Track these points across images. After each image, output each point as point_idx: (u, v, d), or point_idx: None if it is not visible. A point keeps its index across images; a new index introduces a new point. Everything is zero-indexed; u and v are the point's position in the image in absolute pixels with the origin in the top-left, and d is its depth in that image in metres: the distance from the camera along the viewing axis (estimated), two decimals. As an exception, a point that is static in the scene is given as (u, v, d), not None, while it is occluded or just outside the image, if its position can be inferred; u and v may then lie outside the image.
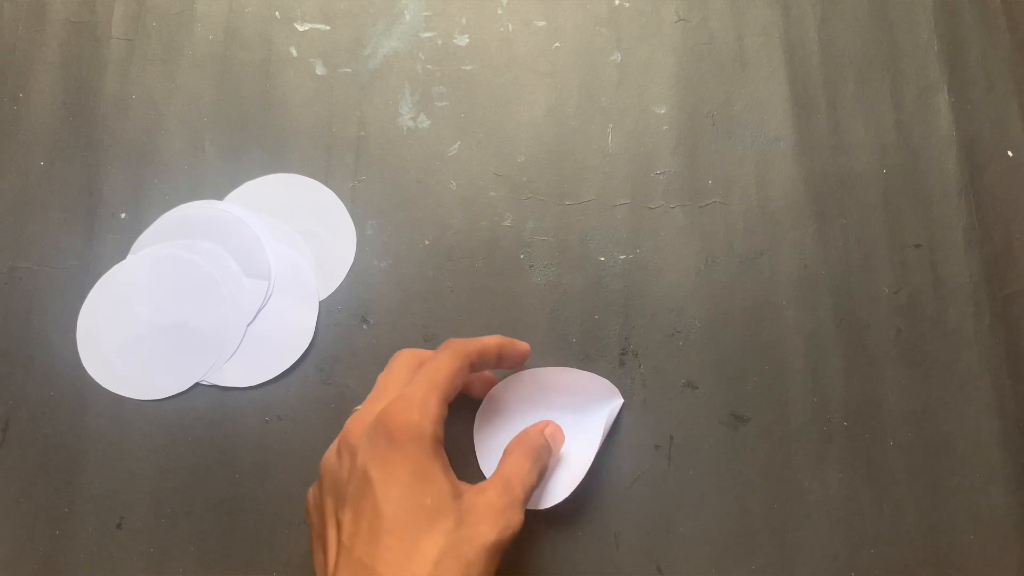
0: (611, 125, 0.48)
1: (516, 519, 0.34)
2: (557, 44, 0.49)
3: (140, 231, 0.45)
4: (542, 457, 0.37)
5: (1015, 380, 0.43)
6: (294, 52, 0.49)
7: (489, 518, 0.33)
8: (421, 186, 0.46)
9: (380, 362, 0.43)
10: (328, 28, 0.49)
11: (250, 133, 0.47)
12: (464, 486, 0.35)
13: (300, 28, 0.49)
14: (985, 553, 0.41)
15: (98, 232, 0.45)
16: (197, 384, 0.43)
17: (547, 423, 0.40)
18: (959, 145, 0.47)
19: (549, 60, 0.49)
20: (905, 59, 0.49)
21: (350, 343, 0.44)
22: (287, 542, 0.41)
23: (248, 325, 0.44)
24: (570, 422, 0.41)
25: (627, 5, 0.50)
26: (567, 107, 0.48)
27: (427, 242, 0.45)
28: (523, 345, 0.40)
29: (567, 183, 0.46)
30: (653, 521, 0.41)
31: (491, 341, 0.38)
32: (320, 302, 0.44)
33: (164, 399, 0.43)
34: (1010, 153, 0.47)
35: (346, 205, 0.46)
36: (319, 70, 0.48)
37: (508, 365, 0.40)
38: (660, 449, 0.42)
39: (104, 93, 0.48)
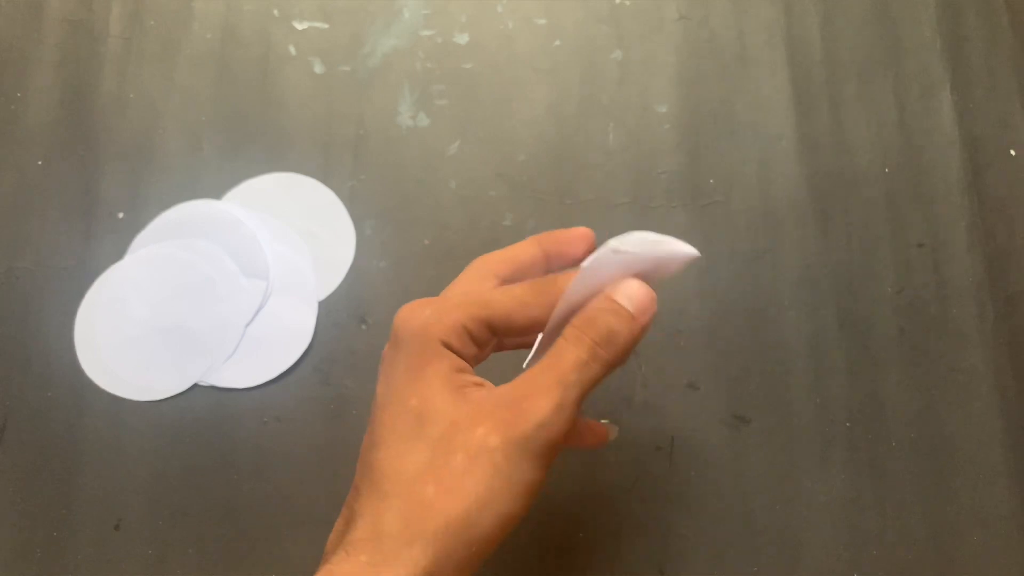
0: (612, 124, 0.47)
1: (537, 412, 0.25)
2: (558, 42, 0.49)
3: (138, 231, 0.45)
4: (613, 334, 0.27)
5: (1018, 380, 0.43)
6: (292, 50, 0.48)
7: (487, 416, 0.26)
8: (421, 185, 0.46)
9: (379, 363, 0.43)
10: (327, 26, 0.49)
11: (248, 132, 0.47)
12: (488, 388, 0.28)
13: (298, 26, 0.49)
14: (988, 554, 0.40)
15: (96, 232, 0.45)
16: (195, 385, 0.43)
17: (620, 282, 0.28)
18: (962, 144, 0.47)
19: (549, 58, 0.48)
20: (908, 58, 0.49)
21: (349, 344, 0.44)
22: (286, 543, 0.41)
23: (246, 325, 0.44)
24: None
25: (628, 3, 0.49)
26: (568, 105, 0.48)
27: (427, 242, 0.45)
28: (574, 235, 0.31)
29: (568, 182, 0.46)
30: (655, 523, 0.41)
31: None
32: (319, 302, 0.44)
33: (162, 400, 0.43)
34: (1013, 152, 0.47)
35: (345, 204, 0.46)
36: (318, 68, 0.48)
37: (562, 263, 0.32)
38: (661, 451, 0.42)
39: (101, 92, 0.47)
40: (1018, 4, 0.49)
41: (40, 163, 0.46)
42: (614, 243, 0.28)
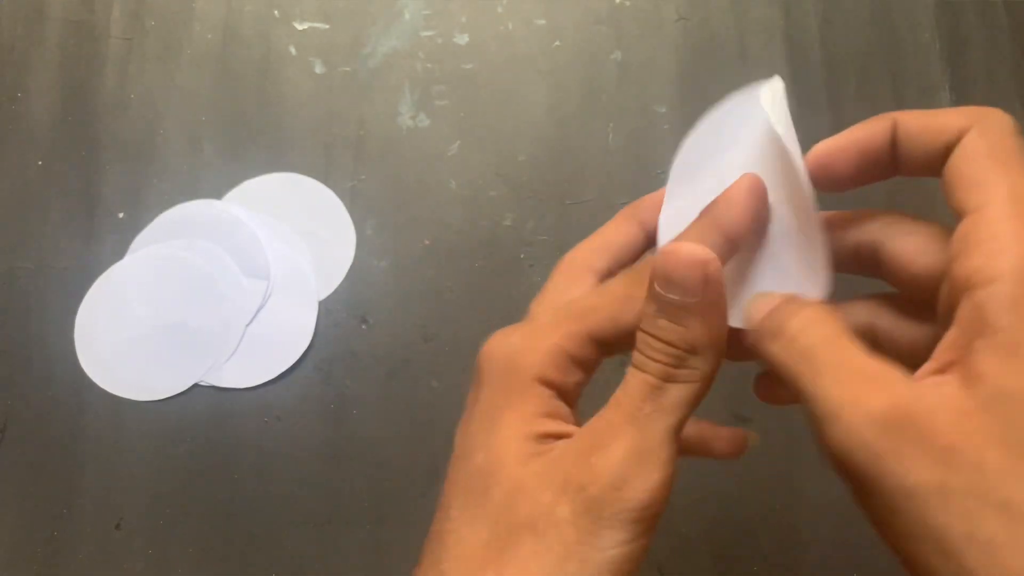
0: (612, 124, 0.47)
1: (609, 466, 0.20)
2: (557, 43, 0.49)
3: (138, 231, 0.45)
4: (675, 339, 0.20)
5: (1017, 380, 0.43)
6: (293, 51, 0.48)
7: (557, 476, 0.20)
8: (421, 186, 0.46)
9: (380, 362, 0.43)
10: (327, 27, 0.49)
11: (249, 132, 0.47)
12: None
13: (299, 27, 0.49)
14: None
15: (96, 232, 0.45)
16: (196, 385, 0.43)
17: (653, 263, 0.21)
18: (961, 144, 0.47)
19: (549, 59, 0.48)
20: (906, 58, 0.49)
21: (349, 343, 0.44)
22: (287, 543, 0.41)
23: (247, 325, 0.44)
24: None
25: (628, 3, 0.50)
26: (567, 106, 0.48)
27: (427, 242, 0.45)
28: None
29: (568, 182, 0.46)
30: (654, 522, 0.41)
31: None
32: (319, 302, 0.44)
33: (163, 400, 0.43)
34: (1012, 152, 0.47)
35: (345, 205, 0.46)
36: (318, 69, 0.48)
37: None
38: (661, 449, 0.42)
39: (103, 92, 0.48)
40: (1017, 5, 0.50)
41: (41, 163, 0.46)
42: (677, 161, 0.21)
